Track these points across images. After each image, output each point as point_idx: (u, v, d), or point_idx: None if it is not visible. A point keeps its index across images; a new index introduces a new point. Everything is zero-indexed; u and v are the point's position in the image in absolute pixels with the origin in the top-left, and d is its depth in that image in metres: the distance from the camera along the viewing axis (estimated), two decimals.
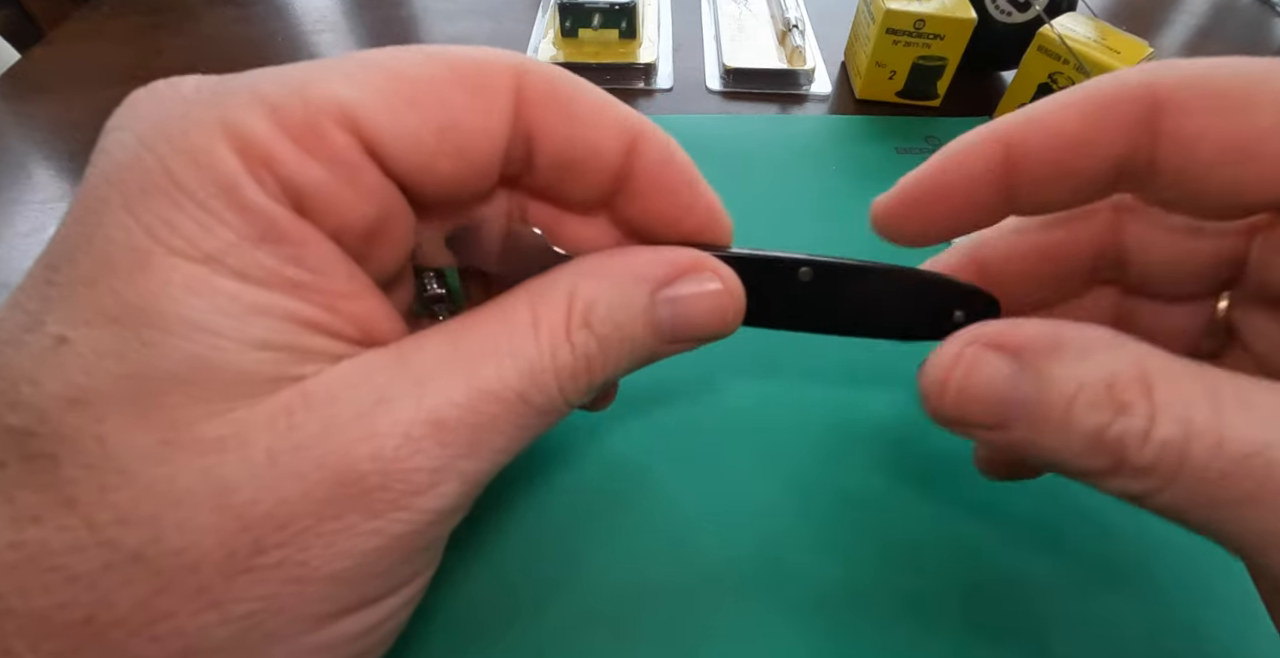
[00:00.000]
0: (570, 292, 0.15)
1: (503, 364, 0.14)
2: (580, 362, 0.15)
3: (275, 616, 0.12)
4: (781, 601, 0.22)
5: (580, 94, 0.15)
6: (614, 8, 0.42)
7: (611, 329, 0.15)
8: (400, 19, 0.48)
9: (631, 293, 0.15)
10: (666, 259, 0.16)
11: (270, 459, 0.12)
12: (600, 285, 0.15)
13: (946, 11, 0.37)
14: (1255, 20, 0.54)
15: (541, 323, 0.14)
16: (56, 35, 0.46)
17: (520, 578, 0.23)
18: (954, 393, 0.15)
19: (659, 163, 0.16)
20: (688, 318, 0.16)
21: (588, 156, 0.15)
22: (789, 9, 0.46)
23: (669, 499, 0.25)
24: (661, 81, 0.43)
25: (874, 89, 0.41)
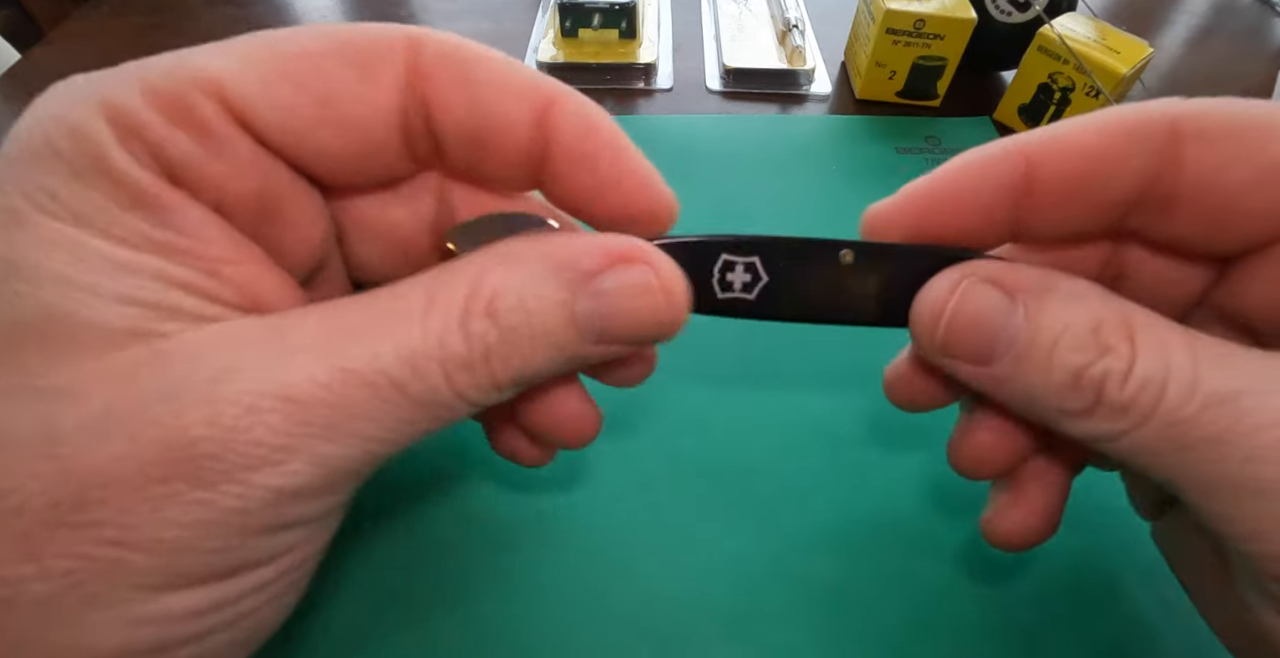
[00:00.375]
0: (476, 277, 0.14)
1: (379, 346, 0.13)
2: (476, 354, 0.13)
3: (96, 578, 0.12)
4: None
5: (481, 61, 0.14)
6: (614, 8, 0.42)
7: (520, 321, 0.14)
8: (400, 19, 0.48)
9: (548, 283, 0.14)
10: (595, 246, 0.14)
11: (105, 413, 0.12)
12: (512, 272, 0.14)
13: (946, 11, 0.37)
14: (1255, 20, 0.54)
15: (435, 308, 0.13)
16: (56, 35, 0.46)
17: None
18: (947, 321, 0.15)
19: (576, 131, 0.14)
20: (615, 315, 0.14)
21: (494, 127, 0.14)
22: (789, 9, 0.46)
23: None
24: (661, 81, 0.43)
25: (874, 89, 0.41)
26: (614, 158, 0.15)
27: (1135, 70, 0.36)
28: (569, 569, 0.23)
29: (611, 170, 0.15)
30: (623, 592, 0.22)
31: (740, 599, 0.22)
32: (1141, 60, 0.36)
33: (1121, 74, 0.35)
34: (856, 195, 0.36)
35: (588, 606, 0.22)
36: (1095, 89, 0.36)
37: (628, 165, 0.15)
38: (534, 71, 0.15)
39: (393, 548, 0.23)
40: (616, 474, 0.25)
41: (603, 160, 0.15)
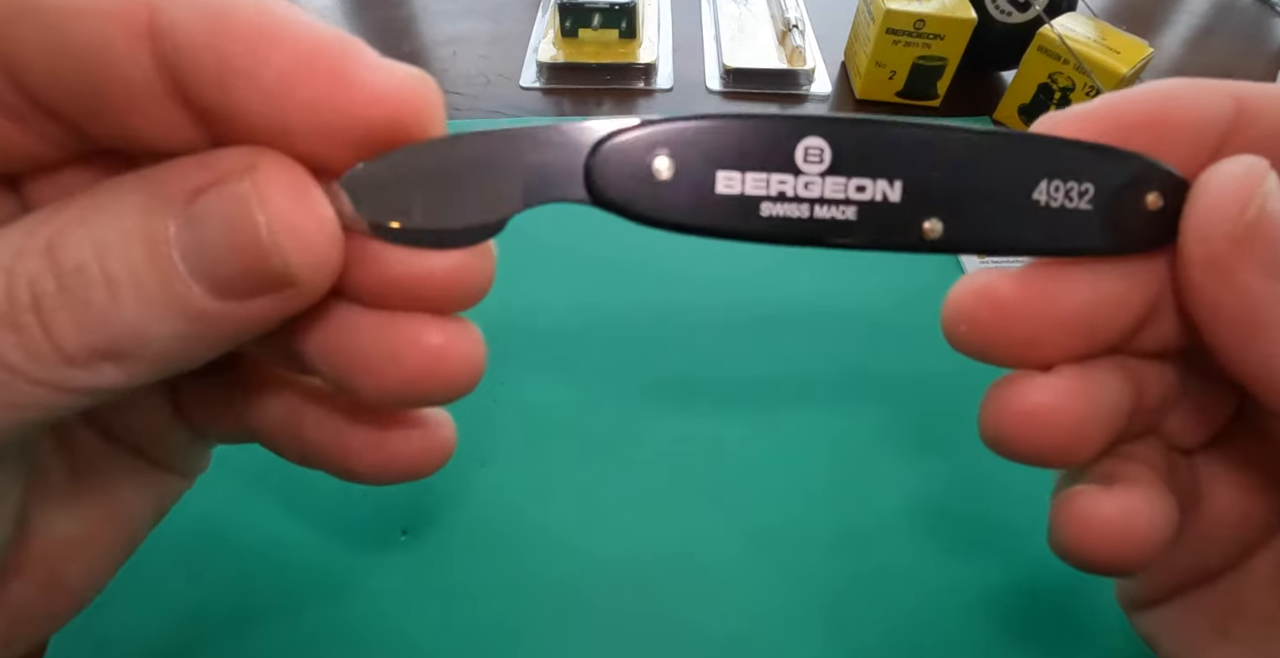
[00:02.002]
0: (49, 211, 0.11)
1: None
2: (22, 304, 0.10)
3: None
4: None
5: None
6: (614, 8, 0.42)
7: (90, 257, 0.10)
8: (400, 19, 0.48)
9: (129, 209, 0.10)
10: (195, 160, 0.11)
11: None
12: (88, 202, 0.11)
13: (946, 11, 0.37)
14: (1255, 20, 0.54)
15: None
16: None
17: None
18: (1261, 204, 0.12)
19: (198, 29, 0.10)
20: (214, 244, 0.10)
21: (84, 69, 0.10)
22: (789, 9, 0.46)
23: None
24: (661, 81, 0.43)
25: (874, 89, 0.41)
26: (275, 57, 0.10)
27: (1135, 70, 0.36)
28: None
29: (273, 78, 0.10)
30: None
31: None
32: (1141, 60, 0.36)
33: (1121, 74, 0.35)
34: None
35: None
36: (1095, 89, 0.36)
37: (304, 63, 0.10)
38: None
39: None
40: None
41: (251, 66, 0.10)
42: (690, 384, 0.28)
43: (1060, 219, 0.13)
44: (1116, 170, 0.13)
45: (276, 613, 0.21)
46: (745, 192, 0.12)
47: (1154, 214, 0.13)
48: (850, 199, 0.12)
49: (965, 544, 0.24)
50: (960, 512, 0.25)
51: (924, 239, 0.13)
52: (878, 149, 0.12)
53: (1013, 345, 0.13)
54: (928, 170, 0.12)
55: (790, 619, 0.22)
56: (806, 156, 0.12)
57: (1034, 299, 0.13)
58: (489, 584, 0.22)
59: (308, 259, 0.10)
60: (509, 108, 0.41)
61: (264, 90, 0.10)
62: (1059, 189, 0.12)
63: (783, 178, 0.12)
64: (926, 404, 0.27)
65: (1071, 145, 0.13)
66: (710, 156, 0.12)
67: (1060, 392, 0.13)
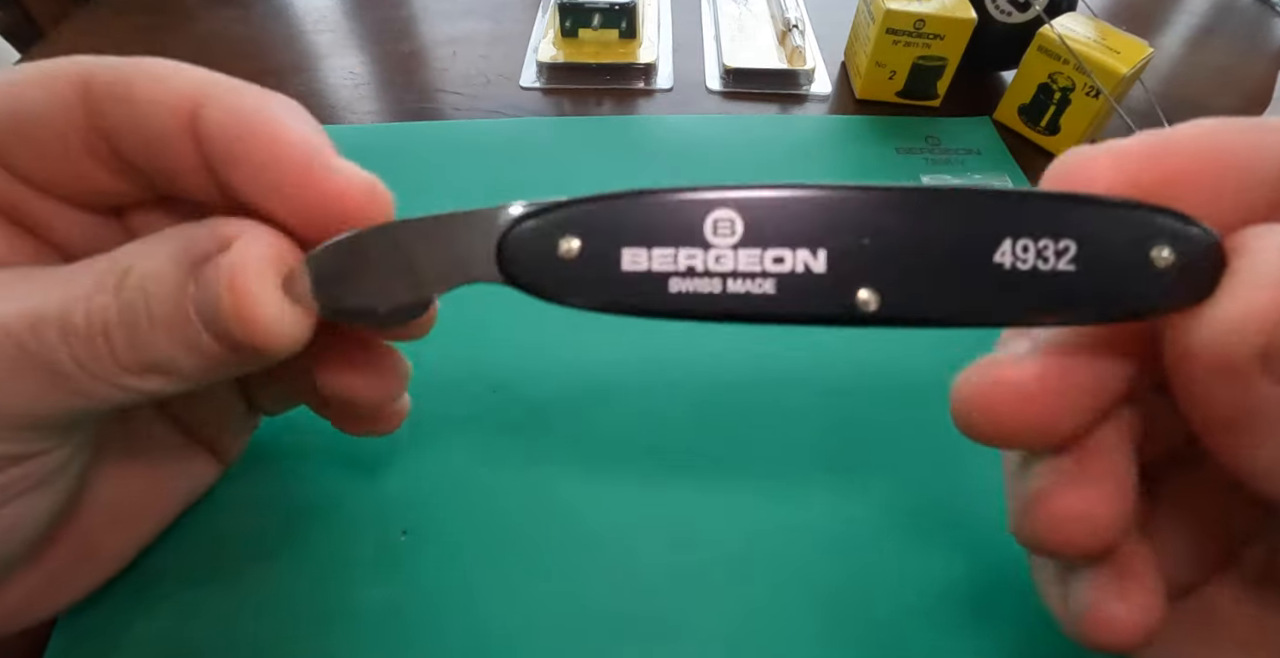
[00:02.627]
0: (120, 255, 0.14)
1: (12, 301, 0.13)
2: (95, 327, 0.13)
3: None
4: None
5: (140, 78, 0.14)
6: (614, 8, 0.42)
7: (137, 300, 0.13)
8: (400, 19, 0.48)
9: (169, 264, 0.14)
10: (213, 229, 0.14)
11: None
12: (148, 252, 0.14)
13: (946, 11, 0.37)
14: (1255, 20, 0.54)
15: (76, 277, 0.14)
16: (56, 35, 0.46)
17: None
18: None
19: (221, 132, 0.14)
20: (209, 307, 0.13)
21: (156, 147, 0.14)
22: (789, 9, 0.46)
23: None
24: (661, 81, 0.43)
25: (874, 89, 0.41)
26: (268, 155, 0.14)
27: (1135, 70, 0.36)
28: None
29: (266, 159, 0.14)
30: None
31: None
32: (1141, 60, 0.36)
33: (1121, 74, 0.35)
34: None
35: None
36: (1095, 89, 0.36)
37: (287, 161, 0.14)
38: (194, 75, 0.14)
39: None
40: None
41: (254, 159, 0.14)
42: (692, 386, 0.28)
43: (1034, 283, 0.11)
44: (1108, 223, 0.11)
45: (277, 614, 0.21)
46: (652, 268, 0.12)
47: (1162, 273, 0.11)
48: (767, 271, 0.11)
49: (963, 543, 0.24)
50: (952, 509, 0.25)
51: (859, 312, 0.11)
52: (794, 218, 0.11)
53: (1031, 431, 0.13)
54: (856, 237, 0.11)
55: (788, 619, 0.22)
56: (716, 229, 0.11)
57: (1052, 383, 0.12)
58: (489, 584, 0.22)
59: (261, 338, 0.13)
60: (509, 108, 0.41)
61: (260, 184, 0.14)
62: (1028, 249, 0.11)
63: (691, 252, 0.11)
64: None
65: (1043, 197, 0.11)
66: (616, 234, 0.12)
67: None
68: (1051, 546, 0.13)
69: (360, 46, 0.46)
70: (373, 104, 0.41)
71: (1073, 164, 0.12)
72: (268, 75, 0.42)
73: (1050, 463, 0.13)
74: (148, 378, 0.14)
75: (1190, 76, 0.47)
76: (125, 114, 0.14)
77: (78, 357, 0.13)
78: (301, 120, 0.14)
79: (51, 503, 0.16)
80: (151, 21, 0.47)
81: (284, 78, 0.42)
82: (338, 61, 0.44)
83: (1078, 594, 0.14)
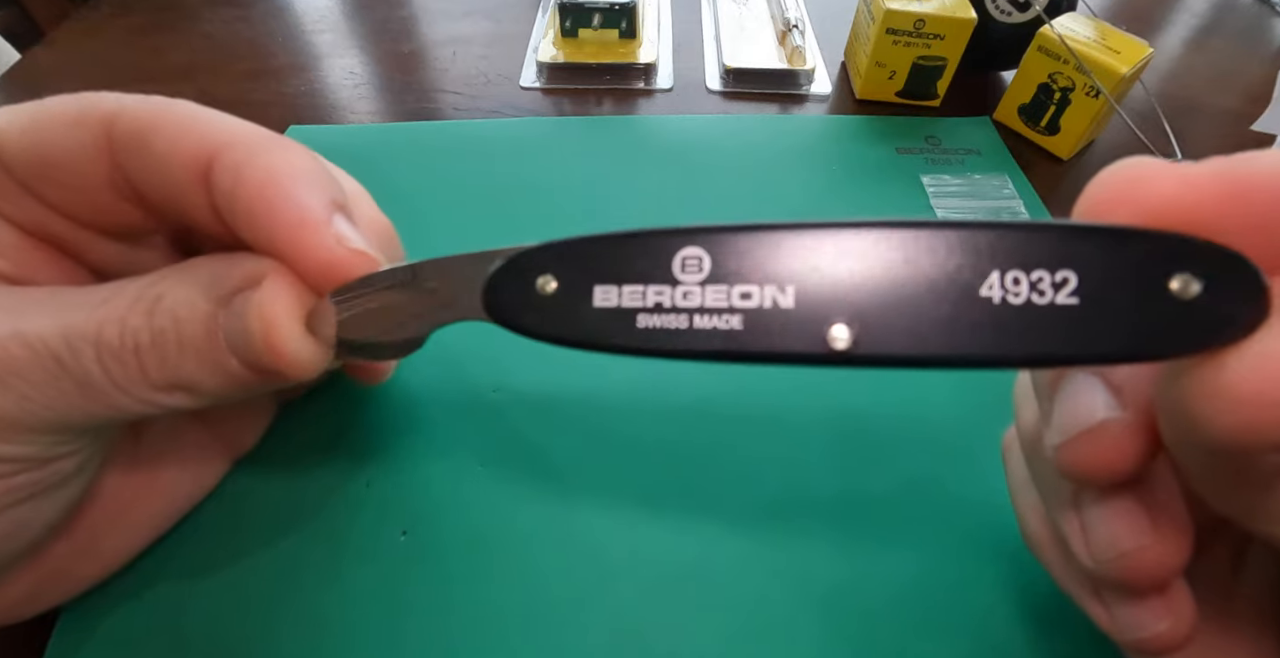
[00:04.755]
0: (153, 281, 0.15)
1: (50, 317, 0.14)
2: (127, 347, 0.14)
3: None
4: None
5: (163, 127, 0.15)
6: (614, 8, 0.42)
7: (168, 325, 0.15)
8: (400, 19, 0.48)
9: (199, 293, 0.15)
10: (240, 265, 0.15)
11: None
12: (180, 281, 0.15)
13: (946, 11, 0.37)
14: (1255, 20, 0.54)
15: (112, 300, 0.15)
16: (56, 35, 0.46)
17: None
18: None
19: (227, 186, 0.15)
20: (238, 335, 0.15)
21: (174, 194, 0.15)
22: (789, 9, 0.46)
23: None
24: (661, 81, 0.43)
25: (874, 89, 0.41)
26: (267, 221, 0.15)
27: (1135, 70, 0.36)
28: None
29: (265, 227, 0.15)
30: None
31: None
32: (1141, 60, 0.36)
33: (1121, 74, 0.35)
34: (856, 195, 0.36)
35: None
36: (1095, 89, 0.36)
37: (284, 229, 0.15)
38: (218, 124, 0.15)
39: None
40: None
41: (256, 223, 0.15)
42: (695, 384, 0.28)
43: (1028, 319, 0.10)
44: (1115, 252, 0.10)
45: (276, 613, 0.21)
46: (621, 304, 0.12)
47: (1186, 307, 0.10)
48: (734, 307, 0.11)
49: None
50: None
51: (830, 350, 0.11)
52: (761, 254, 0.11)
53: (1119, 476, 0.12)
54: (826, 273, 0.11)
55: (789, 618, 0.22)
56: (684, 267, 0.12)
57: (1145, 437, 0.12)
58: (489, 584, 0.22)
59: (286, 365, 0.15)
60: (509, 108, 0.41)
61: (261, 243, 0.15)
62: (1019, 282, 0.10)
63: (659, 288, 0.12)
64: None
65: (1030, 228, 0.10)
66: (589, 272, 0.12)
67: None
68: (1134, 584, 0.14)
69: (360, 46, 0.46)
70: (373, 104, 0.41)
71: (1130, 175, 0.11)
72: (268, 75, 0.42)
73: (1125, 516, 0.13)
74: (173, 394, 0.15)
75: (1190, 76, 0.47)
76: (144, 162, 0.15)
77: (110, 372, 0.14)
78: (308, 183, 0.15)
79: (63, 504, 0.17)
80: (151, 21, 0.47)
81: (284, 78, 0.42)
82: (338, 61, 0.44)
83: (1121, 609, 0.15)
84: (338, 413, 0.26)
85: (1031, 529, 0.17)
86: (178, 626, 0.21)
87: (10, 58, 0.55)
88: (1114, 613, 0.15)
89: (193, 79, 0.42)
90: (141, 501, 0.20)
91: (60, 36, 0.46)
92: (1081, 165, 0.40)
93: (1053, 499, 0.15)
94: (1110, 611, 0.15)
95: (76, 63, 0.44)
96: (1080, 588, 0.16)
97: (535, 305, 0.13)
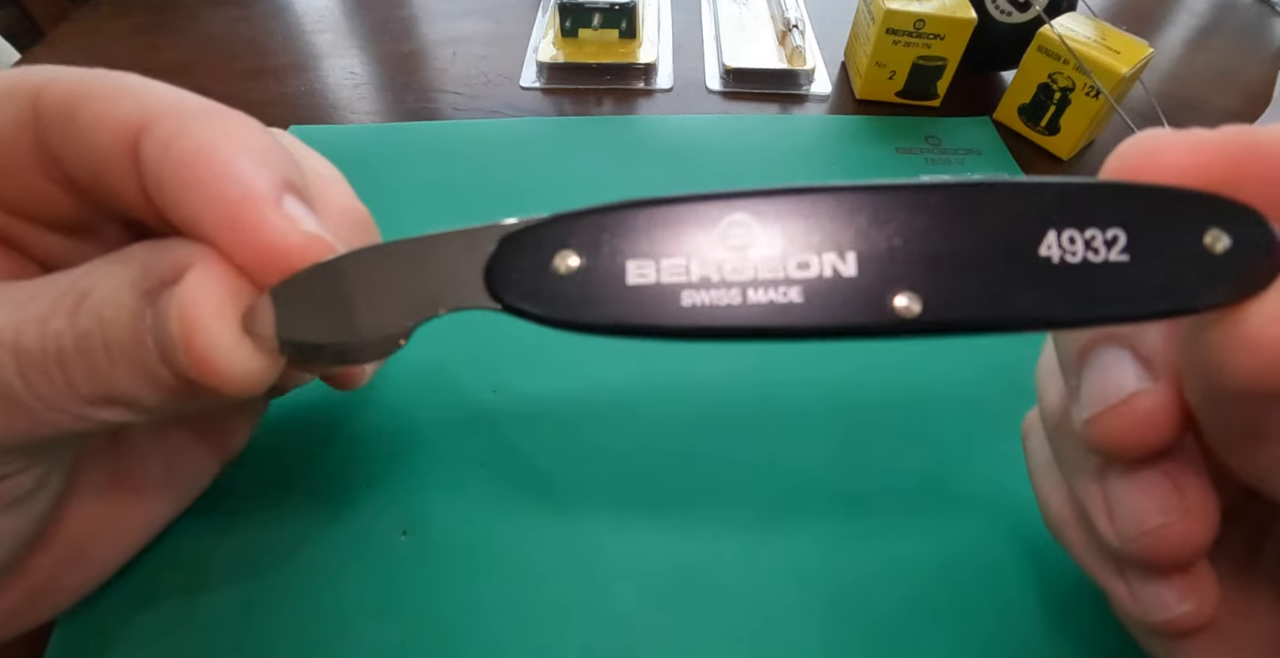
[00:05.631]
0: (86, 271, 0.13)
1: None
2: (50, 355, 0.12)
3: None
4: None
5: (90, 97, 0.13)
6: (614, 8, 0.42)
7: (95, 325, 0.12)
8: (400, 19, 0.48)
9: (125, 287, 0.12)
10: (170, 252, 0.12)
11: None
12: (109, 270, 0.13)
13: (946, 11, 0.37)
14: (1255, 20, 0.54)
15: (40, 297, 0.13)
16: (56, 35, 0.46)
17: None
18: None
19: (154, 158, 0.12)
20: (161, 335, 0.12)
21: (100, 169, 0.13)
22: (789, 9, 0.46)
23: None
24: (661, 81, 0.43)
25: (874, 89, 0.41)
26: (201, 198, 0.12)
27: (1135, 70, 0.36)
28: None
29: (194, 203, 0.12)
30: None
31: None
32: (1141, 60, 0.36)
33: (1121, 74, 0.35)
34: None
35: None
36: (1095, 89, 0.36)
37: (221, 207, 0.12)
38: (153, 93, 0.13)
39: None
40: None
41: (188, 200, 0.12)
42: (697, 386, 0.28)
43: (1086, 277, 0.10)
44: (1158, 209, 0.10)
45: (275, 613, 0.21)
46: (661, 280, 0.10)
47: (1219, 260, 0.10)
48: (791, 278, 0.10)
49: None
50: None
51: (901, 320, 0.10)
52: (814, 220, 0.10)
53: (1149, 449, 0.13)
54: (886, 237, 0.10)
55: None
56: (730, 236, 0.10)
57: (1175, 408, 0.12)
58: (489, 585, 0.22)
59: (216, 379, 0.12)
60: (509, 108, 0.41)
61: (195, 226, 0.12)
62: (1074, 241, 0.10)
63: (705, 261, 0.10)
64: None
65: (1083, 186, 0.10)
66: (618, 246, 0.11)
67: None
68: (1159, 562, 0.13)
69: (360, 46, 0.46)
70: (373, 104, 0.41)
71: (1147, 146, 0.11)
72: (267, 75, 0.42)
73: (1152, 491, 0.13)
74: (110, 409, 0.13)
75: (1190, 76, 0.47)
76: (68, 136, 0.13)
77: (33, 385, 0.12)
78: (253, 157, 0.12)
79: (32, 518, 0.15)
80: (151, 21, 0.47)
81: (284, 78, 0.42)
82: (338, 61, 0.44)
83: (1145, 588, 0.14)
84: (335, 411, 0.26)
85: (1054, 511, 0.17)
86: (177, 625, 0.21)
87: (10, 58, 0.55)
88: (1137, 594, 0.14)
89: (192, 79, 0.42)
90: (125, 509, 0.19)
91: (60, 36, 0.46)
92: (1081, 165, 0.40)
93: (1077, 478, 0.15)
94: (1133, 591, 0.15)
95: (76, 63, 0.43)
96: (1103, 570, 0.16)
97: (553, 287, 0.11)
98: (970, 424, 0.27)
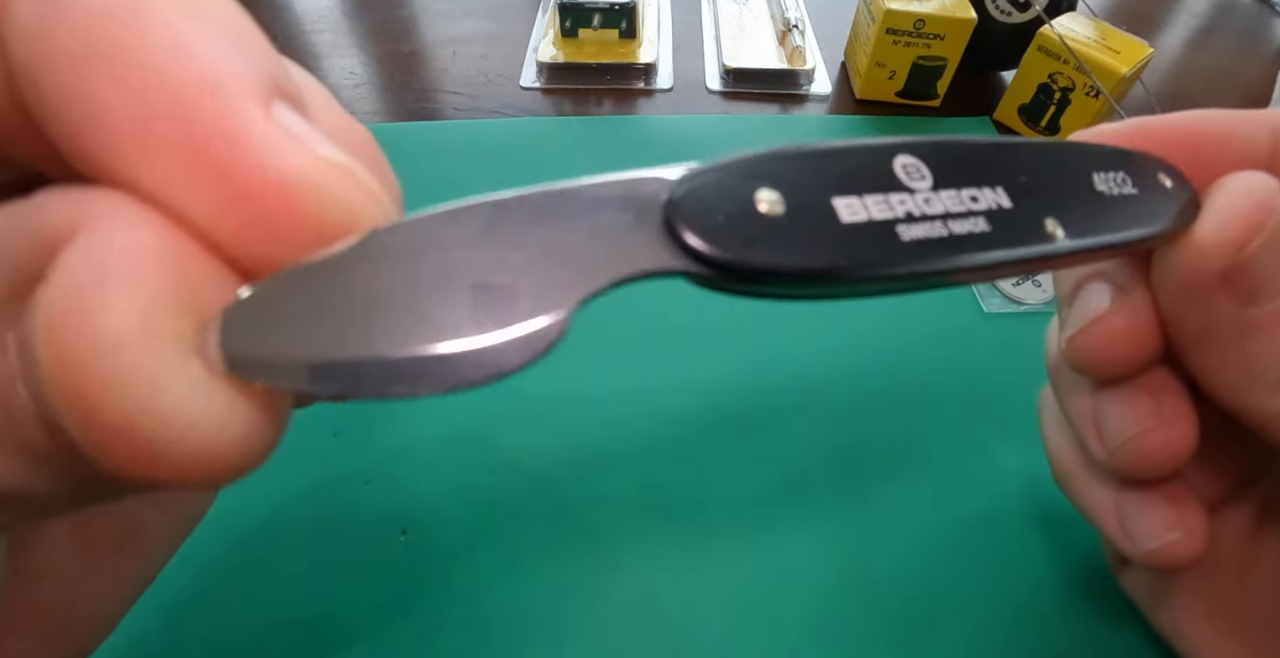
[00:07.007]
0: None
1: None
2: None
3: None
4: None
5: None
6: (614, 8, 0.42)
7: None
8: (400, 19, 0.48)
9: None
10: (48, 210, 0.07)
11: None
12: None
13: (946, 11, 0.37)
14: (1255, 20, 0.54)
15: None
16: None
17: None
18: (1240, 232, 0.12)
19: (33, 32, 0.07)
20: (31, 374, 0.07)
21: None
22: (789, 9, 0.46)
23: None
24: (661, 81, 0.43)
25: (874, 89, 0.41)
26: (122, 91, 0.07)
27: (1135, 70, 0.36)
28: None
29: (120, 123, 0.07)
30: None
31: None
32: (1141, 60, 0.36)
33: (1121, 74, 0.35)
34: None
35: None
36: (1095, 89, 0.36)
37: (160, 104, 0.07)
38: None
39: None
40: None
41: (98, 96, 0.07)
42: (698, 386, 0.28)
43: (1125, 206, 0.13)
44: (1140, 159, 0.13)
45: (275, 613, 0.21)
46: (872, 217, 0.10)
47: (1169, 192, 0.13)
48: (972, 210, 0.11)
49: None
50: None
51: (1054, 240, 0.11)
52: (966, 160, 0.11)
53: (1129, 363, 0.15)
54: (1015, 175, 0.12)
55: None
56: (909, 174, 0.11)
57: (1148, 323, 0.14)
58: (489, 584, 0.22)
59: (156, 466, 0.07)
60: (509, 108, 0.41)
61: (107, 148, 0.07)
62: (1107, 179, 0.13)
63: (901, 197, 0.10)
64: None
65: (1089, 145, 0.13)
66: (819, 183, 0.10)
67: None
68: (1142, 470, 0.15)
69: (360, 46, 0.46)
70: (373, 104, 0.41)
71: (1079, 137, 0.14)
72: None
73: (1131, 402, 0.15)
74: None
75: (1190, 76, 0.47)
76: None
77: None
78: (216, 25, 0.07)
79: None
80: None
81: None
82: (338, 61, 0.44)
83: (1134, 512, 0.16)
84: (335, 410, 0.26)
85: (1061, 462, 0.18)
86: (176, 626, 0.21)
87: None
88: (1129, 530, 0.16)
89: None
90: (110, 562, 0.15)
91: None
92: None
93: (1071, 400, 0.17)
94: (1126, 528, 0.16)
95: None
96: (1100, 508, 0.17)
97: (760, 230, 0.09)
98: (968, 420, 0.27)
